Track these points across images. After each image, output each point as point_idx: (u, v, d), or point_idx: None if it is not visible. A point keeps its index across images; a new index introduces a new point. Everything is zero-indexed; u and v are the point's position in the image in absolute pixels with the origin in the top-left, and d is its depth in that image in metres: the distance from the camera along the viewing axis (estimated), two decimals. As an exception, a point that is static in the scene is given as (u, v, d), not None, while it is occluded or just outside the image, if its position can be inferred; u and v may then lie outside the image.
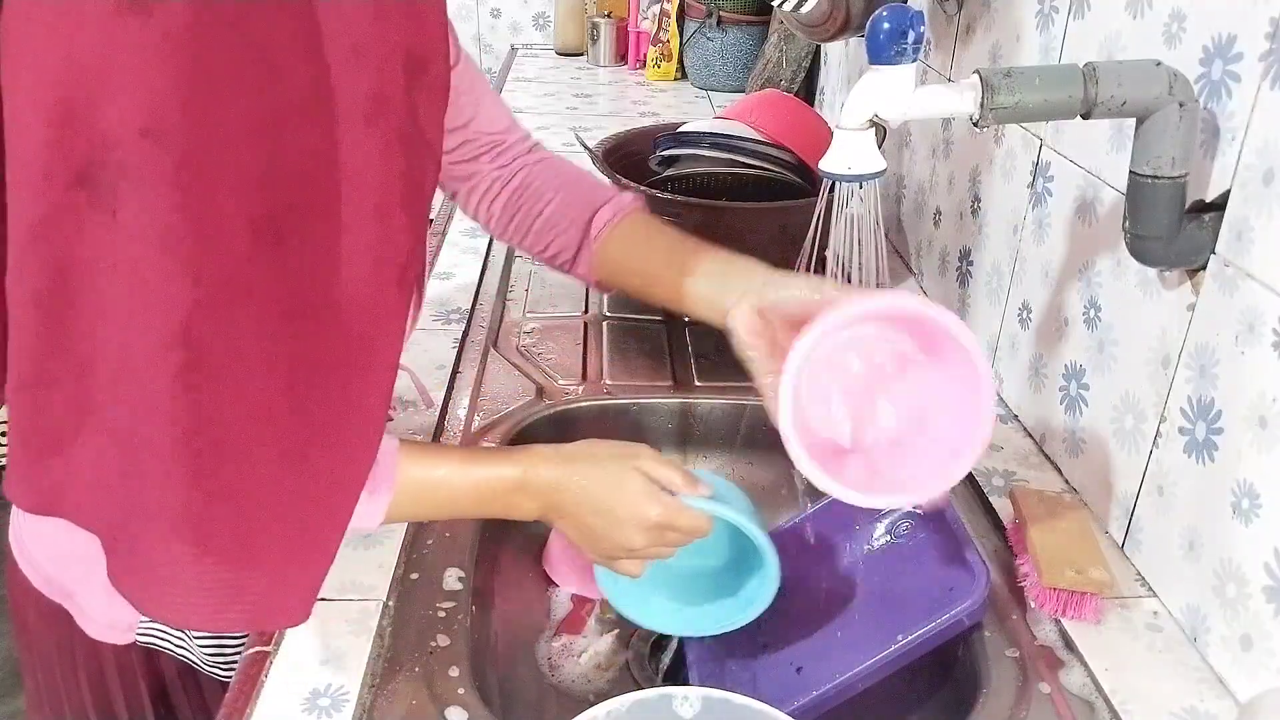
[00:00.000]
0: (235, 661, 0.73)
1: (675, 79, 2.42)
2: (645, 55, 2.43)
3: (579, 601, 0.87)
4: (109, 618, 0.78)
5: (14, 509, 0.80)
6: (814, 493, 0.67)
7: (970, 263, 1.13)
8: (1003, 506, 0.87)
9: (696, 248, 0.79)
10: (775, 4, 1.25)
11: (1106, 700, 0.69)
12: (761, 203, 1.22)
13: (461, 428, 0.98)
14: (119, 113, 0.46)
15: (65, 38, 0.45)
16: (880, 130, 0.68)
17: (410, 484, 0.64)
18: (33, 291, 0.50)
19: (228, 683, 0.69)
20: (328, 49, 0.51)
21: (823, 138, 1.35)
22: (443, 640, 0.72)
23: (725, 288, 0.74)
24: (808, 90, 2.04)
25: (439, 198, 1.35)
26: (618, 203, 0.85)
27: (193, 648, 0.80)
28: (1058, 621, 0.75)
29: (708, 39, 2.23)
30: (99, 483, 0.54)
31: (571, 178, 0.89)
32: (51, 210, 0.48)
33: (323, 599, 0.74)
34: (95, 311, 0.49)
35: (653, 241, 0.82)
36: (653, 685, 0.83)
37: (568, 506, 0.68)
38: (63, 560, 0.78)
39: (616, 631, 0.89)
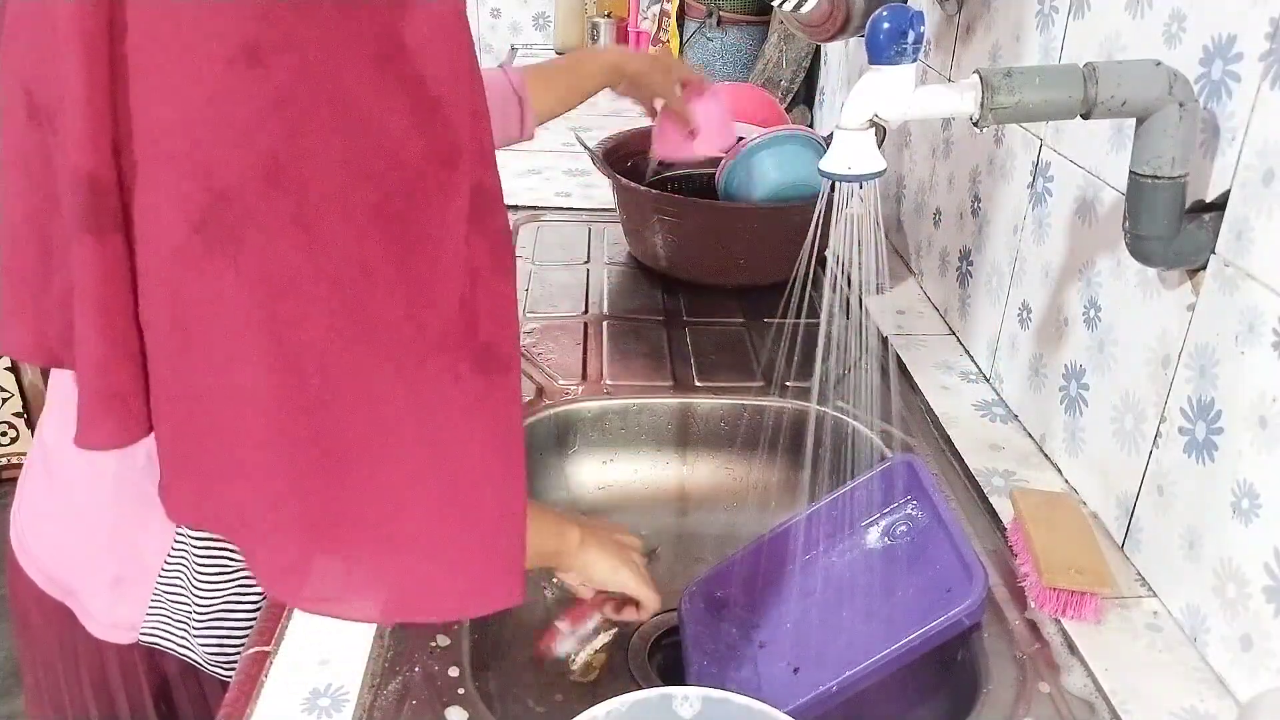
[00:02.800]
0: (237, 661, 0.73)
1: (675, 79, 2.41)
2: (645, 55, 2.43)
3: (589, 603, 0.87)
4: (112, 617, 0.78)
5: (14, 508, 0.80)
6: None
7: (970, 263, 1.13)
8: (1003, 506, 0.87)
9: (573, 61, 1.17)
10: (775, 4, 1.25)
11: (1106, 700, 0.69)
12: (761, 203, 1.23)
13: (461, 428, 0.97)
14: (239, 165, 0.47)
15: (183, 88, 0.47)
16: (880, 130, 0.68)
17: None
18: (161, 328, 0.52)
19: (229, 682, 0.69)
20: (413, 98, 0.52)
21: (778, 115, 1.37)
22: (443, 640, 0.72)
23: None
24: (808, 90, 2.04)
25: None
26: (506, 73, 1.07)
27: (195, 647, 0.80)
28: (1058, 621, 0.75)
29: (708, 39, 2.23)
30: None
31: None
32: (171, 254, 0.49)
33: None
34: (213, 352, 0.51)
35: (555, 71, 1.14)
36: (652, 685, 0.83)
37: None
38: (65, 559, 0.78)
39: (616, 631, 0.89)
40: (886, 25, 0.65)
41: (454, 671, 0.70)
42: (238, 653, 0.79)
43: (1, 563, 0.83)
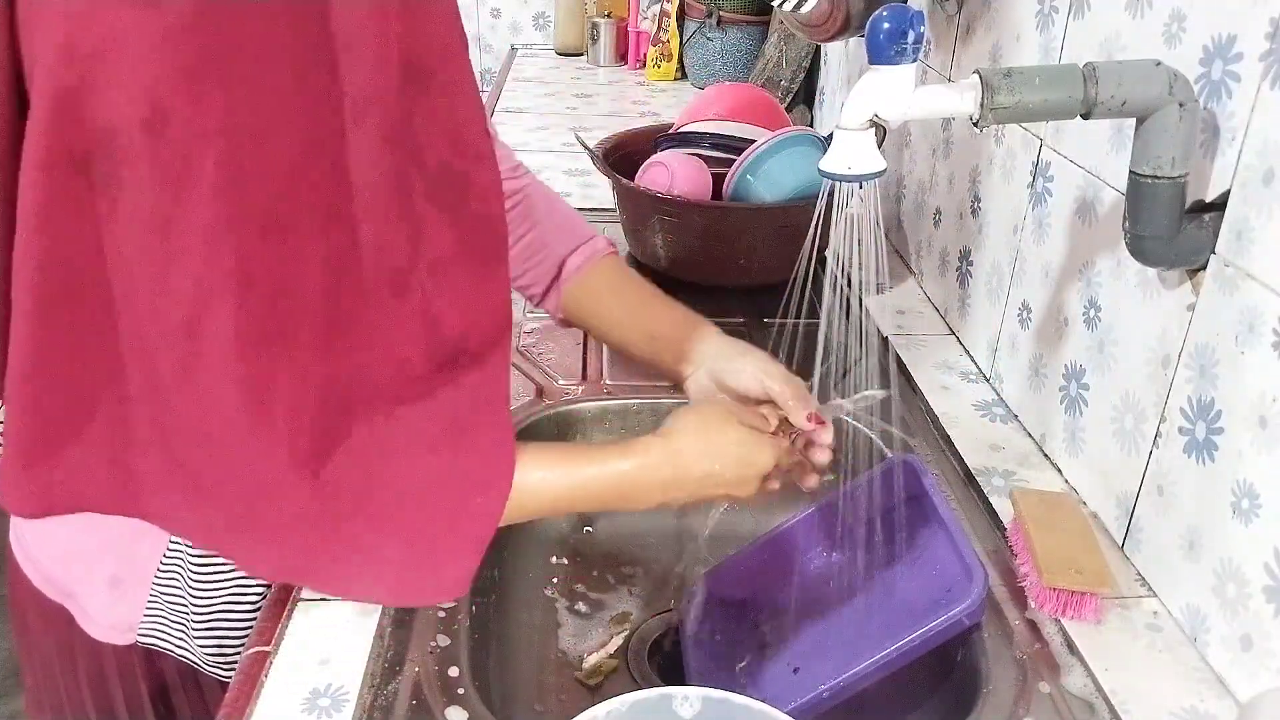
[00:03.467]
0: (236, 662, 0.73)
1: (675, 79, 2.42)
2: (645, 55, 2.43)
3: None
4: (110, 618, 0.78)
5: None
6: None
7: (970, 263, 1.13)
8: (1003, 506, 0.87)
9: (657, 306, 0.87)
10: (775, 4, 1.25)
11: (1106, 700, 0.69)
12: (761, 203, 1.23)
13: (461, 428, 0.97)
14: (121, 103, 0.46)
15: (72, 24, 0.46)
16: (880, 130, 0.68)
17: (523, 492, 0.63)
18: (33, 278, 0.50)
19: (228, 683, 0.69)
20: (329, 48, 0.51)
21: (778, 115, 1.37)
22: (443, 640, 0.72)
23: (682, 355, 0.83)
24: (808, 90, 2.04)
25: None
26: (591, 246, 0.91)
27: (194, 648, 0.80)
28: (1058, 621, 0.75)
29: (708, 39, 2.23)
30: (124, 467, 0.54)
31: (550, 210, 0.94)
32: (52, 196, 0.48)
33: (323, 599, 0.74)
34: (100, 298, 0.50)
35: (619, 294, 0.89)
36: (652, 685, 0.83)
37: (687, 493, 0.69)
38: (64, 560, 0.78)
39: (616, 631, 0.89)
40: (886, 25, 0.65)
41: (454, 671, 0.70)
42: (236, 653, 0.78)
43: (1, 564, 0.83)
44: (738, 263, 1.25)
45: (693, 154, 1.29)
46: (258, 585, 0.80)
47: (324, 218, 0.53)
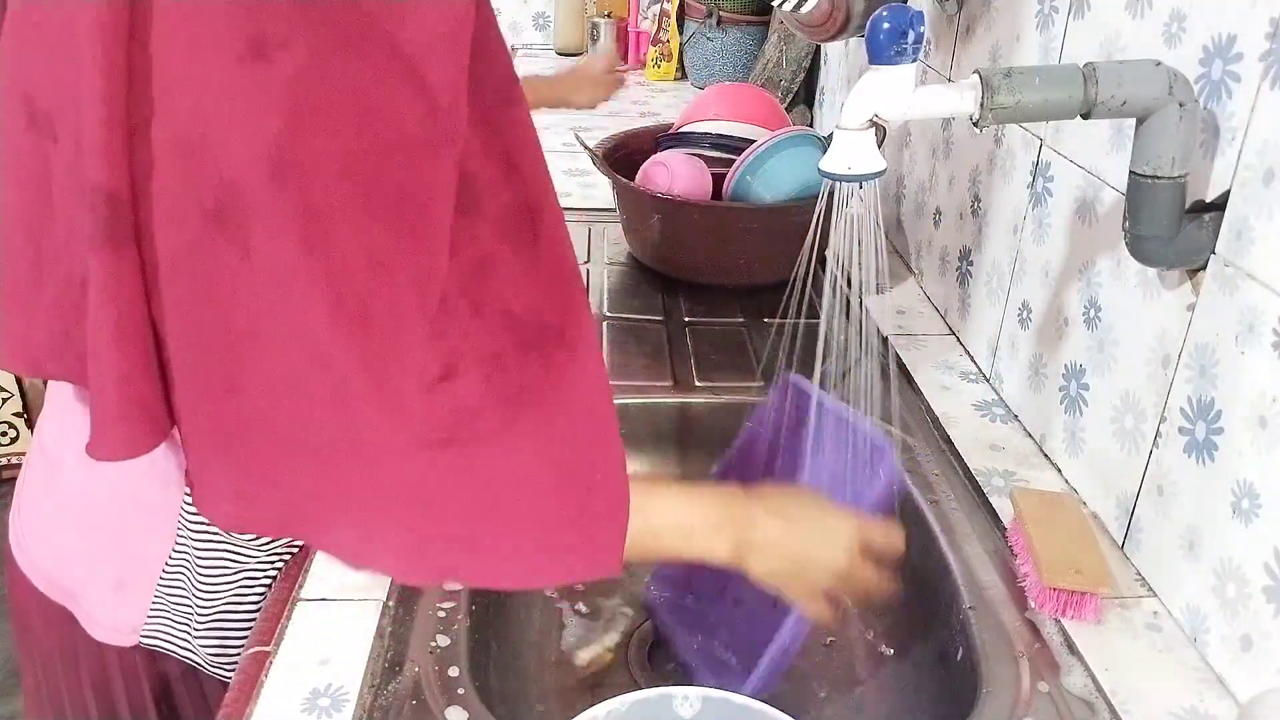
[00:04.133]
0: (238, 661, 0.73)
1: (675, 79, 2.42)
2: (645, 55, 2.43)
3: None
4: (114, 620, 0.78)
5: (13, 510, 0.80)
6: None
7: (970, 263, 1.13)
8: (1003, 506, 0.87)
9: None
10: (775, 4, 1.25)
11: (1106, 700, 0.69)
12: (761, 203, 1.23)
13: (461, 428, 0.97)
14: (246, 155, 0.49)
15: (194, 80, 0.48)
16: (880, 130, 0.68)
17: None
18: (178, 326, 0.53)
19: (230, 683, 0.69)
20: (418, 87, 0.53)
21: (778, 115, 1.37)
22: (443, 640, 0.72)
23: None
24: (808, 90, 2.04)
25: None
26: None
27: (196, 648, 0.80)
28: (1058, 621, 0.75)
29: (708, 39, 2.23)
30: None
31: None
32: (189, 244, 0.50)
33: (323, 599, 0.74)
34: (240, 338, 0.52)
35: None
36: (652, 685, 0.83)
37: (760, 551, 0.68)
38: (66, 562, 0.78)
39: (616, 631, 0.89)
40: (886, 25, 0.65)
41: (454, 671, 0.70)
42: (239, 653, 0.79)
43: (1, 564, 0.83)
44: (738, 263, 1.25)
45: (693, 154, 1.30)
46: (261, 584, 0.80)
47: (437, 240, 0.56)
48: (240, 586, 0.79)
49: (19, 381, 2.49)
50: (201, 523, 0.75)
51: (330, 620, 0.72)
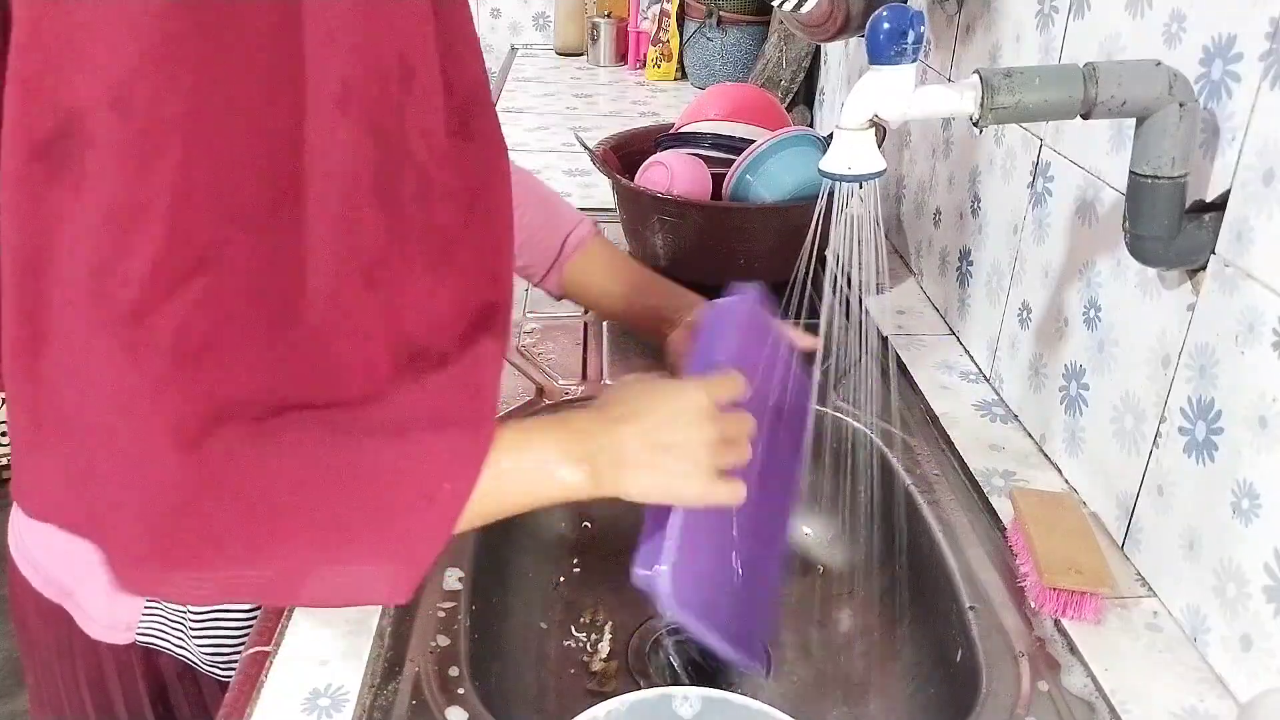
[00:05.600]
0: (234, 661, 0.73)
1: (675, 79, 2.42)
2: (645, 55, 2.43)
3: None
4: (109, 618, 0.78)
5: (13, 510, 0.81)
6: None
7: (970, 263, 1.13)
8: (1003, 506, 0.87)
9: (648, 279, 1.00)
10: (775, 4, 1.25)
11: (1106, 700, 0.69)
12: (762, 203, 1.22)
13: (461, 428, 0.97)
14: (86, 85, 0.46)
15: (38, 11, 0.46)
16: (880, 130, 0.68)
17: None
18: (5, 271, 0.49)
19: (226, 682, 0.69)
20: (305, 33, 0.50)
21: (779, 115, 1.37)
22: (443, 640, 0.72)
23: (669, 309, 0.94)
24: (808, 90, 2.04)
25: None
26: (584, 228, 1.02)
27: (192, 647, 0.80)
28: (1058, 622, 0.75)
29: (708, 39, 2.23)
30: (68, 478, 0.51)
31: (541, 197, 1.04)
32: (14, 186, 0.47)
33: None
34: (52, 288, 0.48)
35: (615, 269, 1.01)
36: (652, 685, 0.83)
37: (611, 452, 0.62)
38: (62, 560, 0.78)
39: (616, 631, 0.89)
40: (886, 25, 0.65)
41: (454, 671, 0.70)
42: (235, 653, 0.78)
43: (2, 564, 0.83)
44: (738, 263, 1.25)
45: (693, 154, 1.30)
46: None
47: (292, 205, 0.51)
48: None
49: None
50: None
51: (330, 620, 0.72)
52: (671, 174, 1.25)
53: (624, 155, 1.36)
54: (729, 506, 0.66)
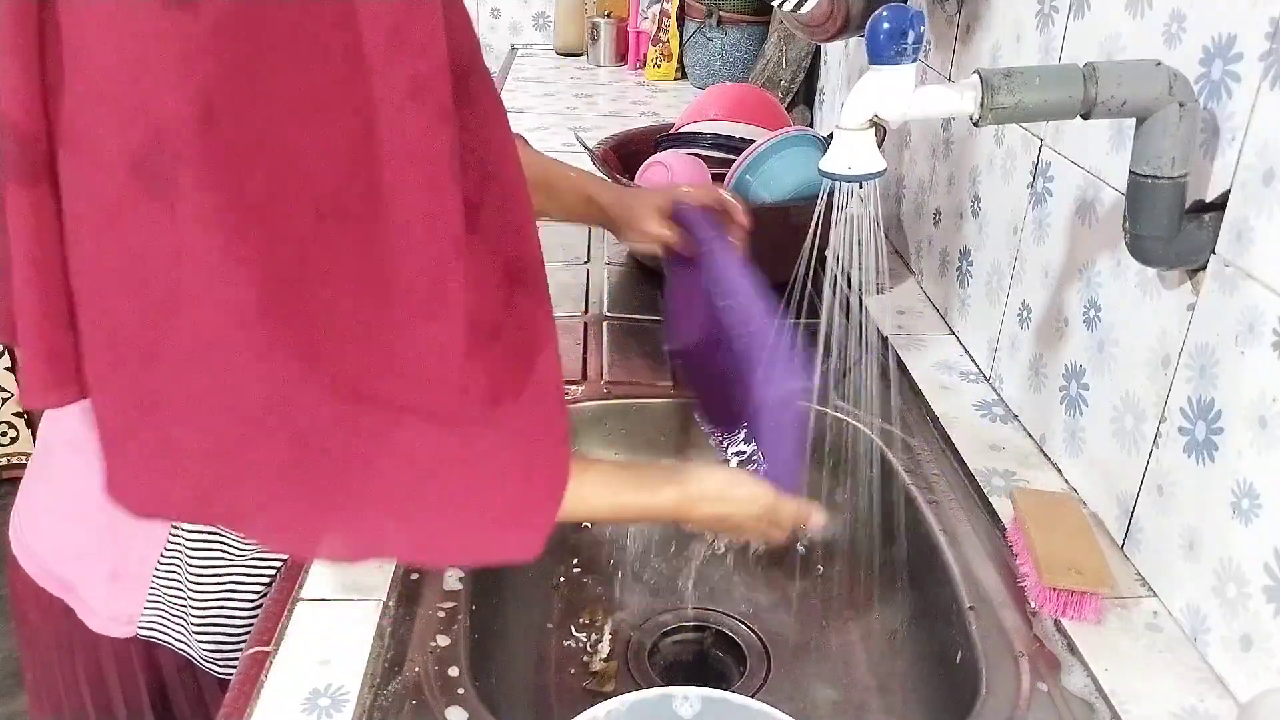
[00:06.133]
0: (234, 659, 0.73)
1: (675, 79, 2.41)
2: (645, 55, 2.43)
3: None
4: (110, 610, 0.78)
5: (16, 504, 0.81)
6: None
7: (970, 263, 1.13)
8: (1003, 506, 0.87)
9: (581, 176, 1.03)
10: (775, 4, 1.25)
11: (1106, 700, 0.69)
12: (762, 203, 1.22)
13: (461, 428, 0.97)
14: (173, 104, 0.48)
15: (117, 32, 0.47)
16: (880, 130, 0.68)
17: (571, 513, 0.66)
18: (94, 283, 0.51)
19: (226, 680, 0.69)
20: (365, 32, 0.52)
21: (779, 116, 1.38)
22: (443, 640, 0.72)
23: (618, 219, 0.99)
24: (808, 90, 2.04)
25: None
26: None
27: (192, 642, 0.80)
28: (1057, 621, 0.75)
29: (708, 39, 2.23)
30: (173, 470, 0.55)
31: None
32: (111, 203, 0.49)
33: (323, 599, 0.74)
34: (161, 299, 0.50)
35: (549, 172, 1.01)
36: (652, 685, 0.83)
37: (738, 511, 0.74)
38: (64, 554, 0.78)
39: (616, 631, 0.89)
40: (886, 25, 0.65)
41: (454, 671, 0.70)
42: (235, 651, 0.79)
43: (2, 561, 0.83)
44: (738, 263, 1.24)
45: (693, 154, 1.30)
46: (257, 584, 0.80)
47: (375, 194, 0.54)
48: (233, 584, 0.79)
49: (19, 381, 2.49)
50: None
51: (330, 620, 0.72)
52: (671, 174, 1.25)
53: (624, 155, 1.36)
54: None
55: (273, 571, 0.80)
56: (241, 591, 0.80)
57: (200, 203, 0.49)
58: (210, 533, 0.77)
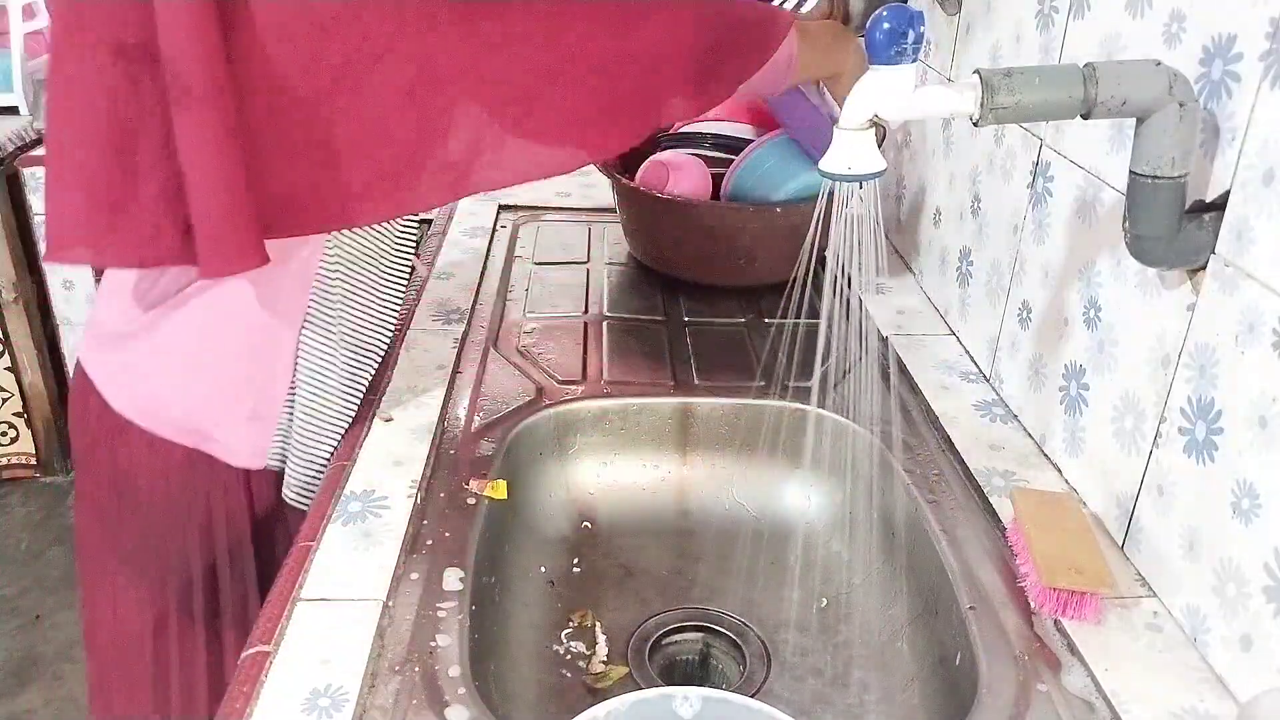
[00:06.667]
0: (315, 488, 0.90)
1: (675, 79, 2.41)
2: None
3: None
4: (251, 446, 0.90)
5: (113, 378, 0.89)
6: None
7: (970, 263, 1.13)
8: (1003, 506, 0.87)
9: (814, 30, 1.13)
10: (775, 4, 1.24)
11: (1106, 700, 0.69)
12: (765, 202, 1.22)
13: (461, 427, 0.98)
14: None
15: None
16: (880, 130, 0.68)
17: None
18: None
19: (304, 511, 0.83)
20: None
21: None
22: (443, 640, 0.73)
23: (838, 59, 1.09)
24: (808, 90, 2.04)
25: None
26: (787, 36, 1.10)
27: (290, 467, 0.92)
28: (1057, 621, 0.75)
29: (708, 39, 2.22)
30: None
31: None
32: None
33: (323, 599, 0.74)
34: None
35: (817, 48, 1.08)
36: (653, 685, 0.83)
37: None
38: (202, 405, 0.88)
39: (616, 631, 0.89)
40: (886, 25, 0.65)
41: (454, 671, 0.70)
42: (317, 476, 0.92)
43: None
44: (738, 263, 1.25)
45: (693, 154, 1.30)
46: (351, 409, 0.94)
47: None
48: (328, 413, 0.92)
49: (19, 382, 2.49)
50: (305, 339, 0.89)
51: (330, 620, 0.73)
52: (671, 174, 1.25)
53: (624, 155, 1.36)
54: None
55: (358, 401, 0.94)
56: (333, 414, 0.92)
57: None
58: (316, 345, 0.89)
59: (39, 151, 2.35)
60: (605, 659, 0.86)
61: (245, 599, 0.96)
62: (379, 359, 0.98)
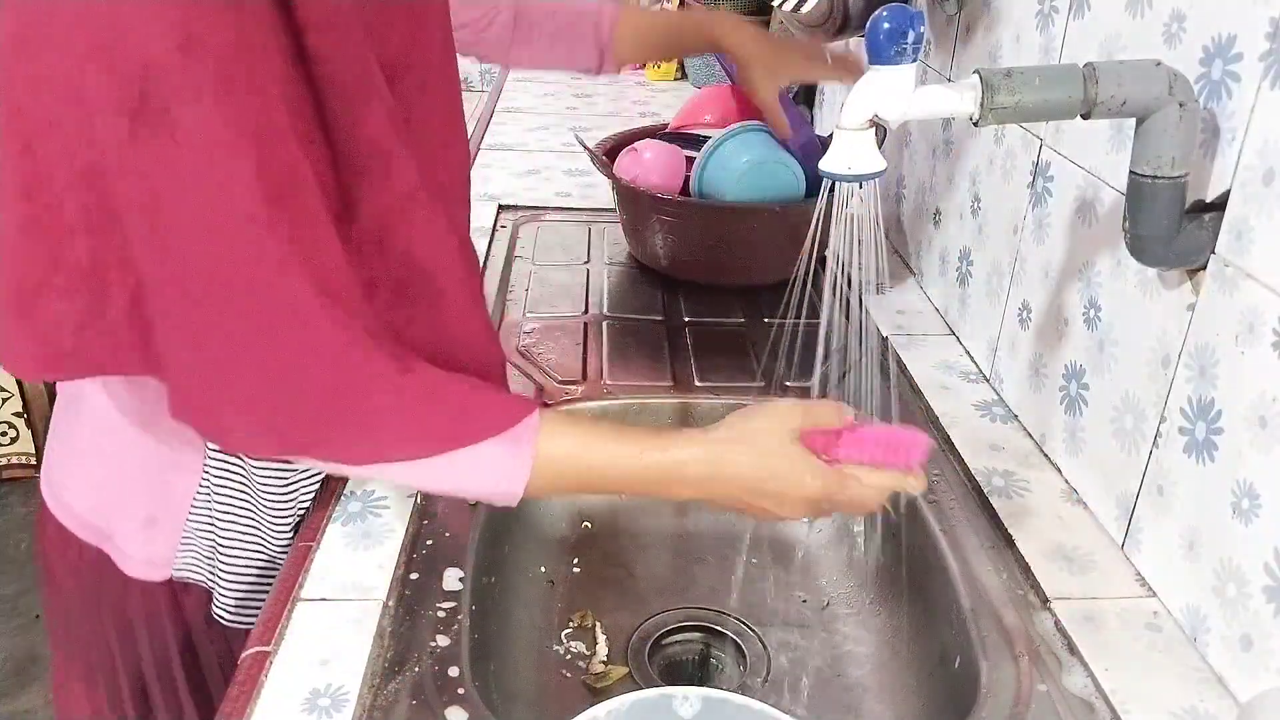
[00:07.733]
0: (256, 609, 0.77)
1: (675, 79, 2.41)
2: (645, 55, 2.43)
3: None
4: (147, 554, 0.80)
5: (45, 464, 0.83)
6: None
7: (970, 263, 1.13)
8: (1003, 506, 0.87)
9: (673, 21, 1.21)
10: (775, 4, 1.25)
11: (1106, 700, 0.69)
12: (761, 203, 1.22)
13: (461, 428, 0.97)
14: (155, 38, 0.51)
15: None
16: (880, 130, 0.68)
17: (552, 461, 0.65)
18: (77, 225, 0.56)
19: (247, 630, 0.72)
20: None
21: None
22: (443, 640, 0.72)
23: (711, 41, 1.13)
24: (807, 90, 2.04)
25: None
26: (604, 5, 1.12)
27: (219, 582, 0.82)
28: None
29: (708, 39, 2.22)
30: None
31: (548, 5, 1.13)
32: (105, 148, 0.53)
33: (323, 599, 0.74)
34: (167, 228, 0.55)
35: (649, 27, 1.15)
36: (652, 685, 0.83)
37: (724, 494, 0.67)
38: (100, 503, 0.80)
39: (616, 632, 0.89)
40: (886, 25, 0.65)
41: (454, 671, 0.70)
42: (259, 599, 0.81)
43: (19, 532, 0.87)
44: (738, 263, 1.25)
45: (668, 142, 1.30)
46: (280, 527, 0.82)
47: (318, 127, 0.60)
48: (256, 527, 0.81)
49: (19, 381, 2.49)
50: (220, 463, 0.78)
51: (330, 620, 0.72)
52: (643, 160, 1.25)
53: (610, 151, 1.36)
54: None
55: (295, 519, 0.83)
56: (264, 535, 0.82)
57: (196, 122, 0.53)
58: (233, 477, 0.79)
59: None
60: (605, 659, 0.86)
61: (180, 714, 0.87)
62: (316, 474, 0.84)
